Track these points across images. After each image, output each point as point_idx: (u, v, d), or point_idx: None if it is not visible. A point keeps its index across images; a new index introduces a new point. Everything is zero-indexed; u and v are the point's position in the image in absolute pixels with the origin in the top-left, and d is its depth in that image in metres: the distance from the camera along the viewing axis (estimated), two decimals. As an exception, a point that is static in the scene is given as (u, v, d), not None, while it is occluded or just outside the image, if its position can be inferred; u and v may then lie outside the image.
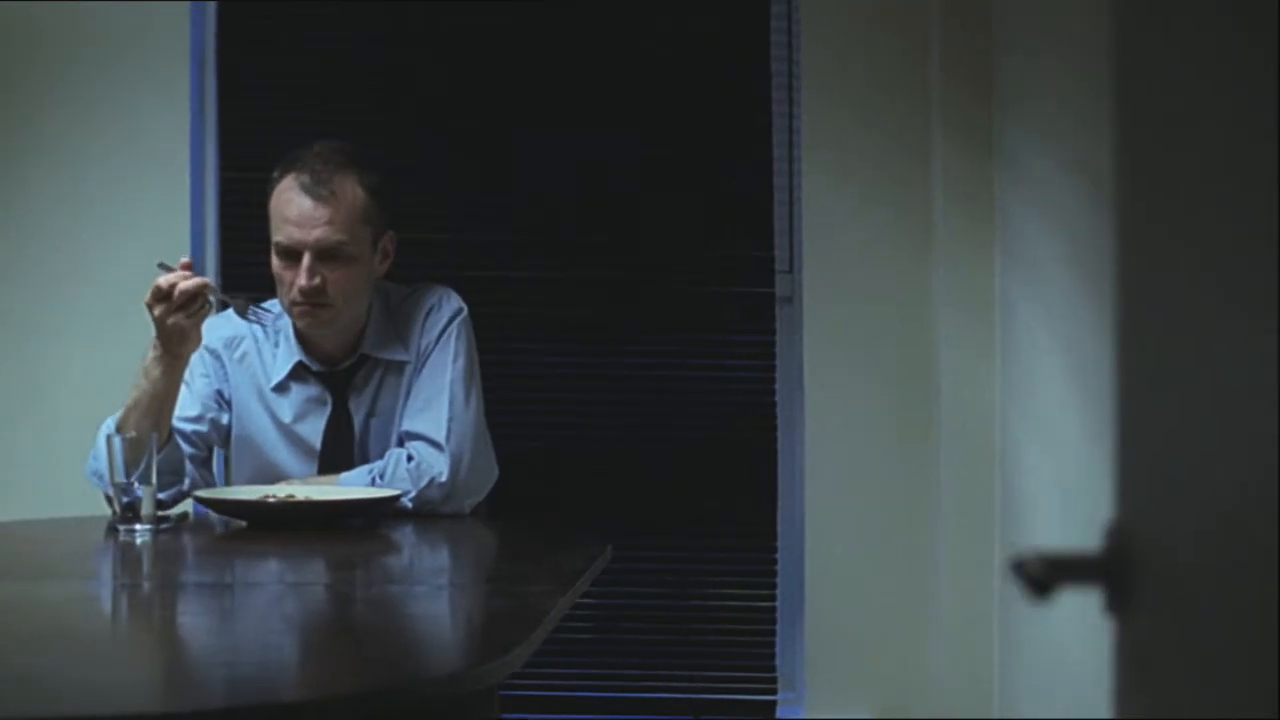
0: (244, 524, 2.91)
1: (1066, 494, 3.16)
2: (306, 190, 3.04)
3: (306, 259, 3.03)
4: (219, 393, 3.17)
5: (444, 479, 3.04)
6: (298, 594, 2.39)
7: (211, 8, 3.86)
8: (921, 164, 3.74)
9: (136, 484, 2.79)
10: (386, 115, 3.82)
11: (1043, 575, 1.15)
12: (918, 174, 3.75)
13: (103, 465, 2.98)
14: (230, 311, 3.15)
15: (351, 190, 3.07)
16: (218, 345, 3.17)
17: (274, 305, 3.21)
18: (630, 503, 3.80)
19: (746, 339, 3.84)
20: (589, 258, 3.84)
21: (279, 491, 2.96)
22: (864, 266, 3.78)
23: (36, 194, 3.80)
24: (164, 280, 2.92)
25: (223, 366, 3.18)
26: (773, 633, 3.84)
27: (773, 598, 3.84)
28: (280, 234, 3.06)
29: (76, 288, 3.80)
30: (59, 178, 3.80)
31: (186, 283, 2.91)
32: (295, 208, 3.05)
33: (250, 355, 3.19)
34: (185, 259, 3.01)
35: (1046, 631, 3.26)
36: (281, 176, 3.10)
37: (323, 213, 3.04)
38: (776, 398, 3.84)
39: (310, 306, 3.06)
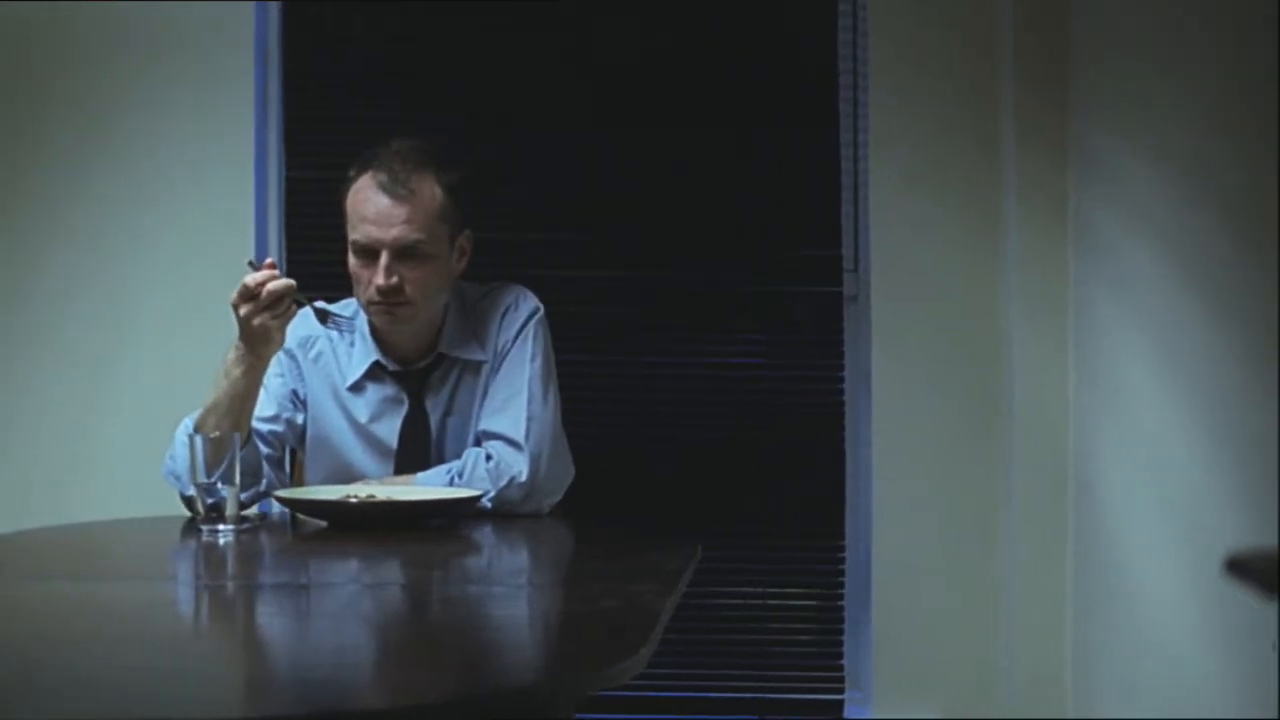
0: (324, 524, 2.88)
1: (1154, 490, 3.14)
2: (385, 189, 3.02)
3: (384, 258, 3.01)
4: (294, 393, 3.15)
5: (523, 478, 3.02)
6: (402, 595, 2.36)
7: (277, 7, 3.85)
8: (990, 160, 3.72)
9: (220, 484, 2.77)
10: (450, 114, 3.80)
11: (1272, 574, 1.12)
12: (985, 170, 3.73)
13: (180, 465, 2.97)
14: (306, 312, 3.12)
15: (429, 189, 3.04)
16: (293, 345, 3.15)
17: (349, 304, 3.19)
18: (697, 501, 3.79)
19: (814, 338, 3.83)
20: (657, 257, 3.83)
21: (359, 491, 2.93)
22: (931, 264, 3.76)
23: (103, 193, 3.79)
24: (251, 279, 2.89)
25: (298, 366, 3.16)
26: (840, 632, 3.83)
27: (840, 597, 3.82)
28: (358, 232, 3.04)
29: (142, 286, 3.79)
30: (125, 176, 3.79)
31: (275, 284, 2.89)
32: (373, 206, 3.02)
33: (325, 355, 3.17)
34: (270, 259, 2.98)
35: (1131, 632, 3.24)
36: (358, 175, 3.07)
37: (401, 211, 3.01)
38: (844, 396, 3.82)
39: (389, 305, 3.03)
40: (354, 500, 2.87)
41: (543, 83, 3.83)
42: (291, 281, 2.92)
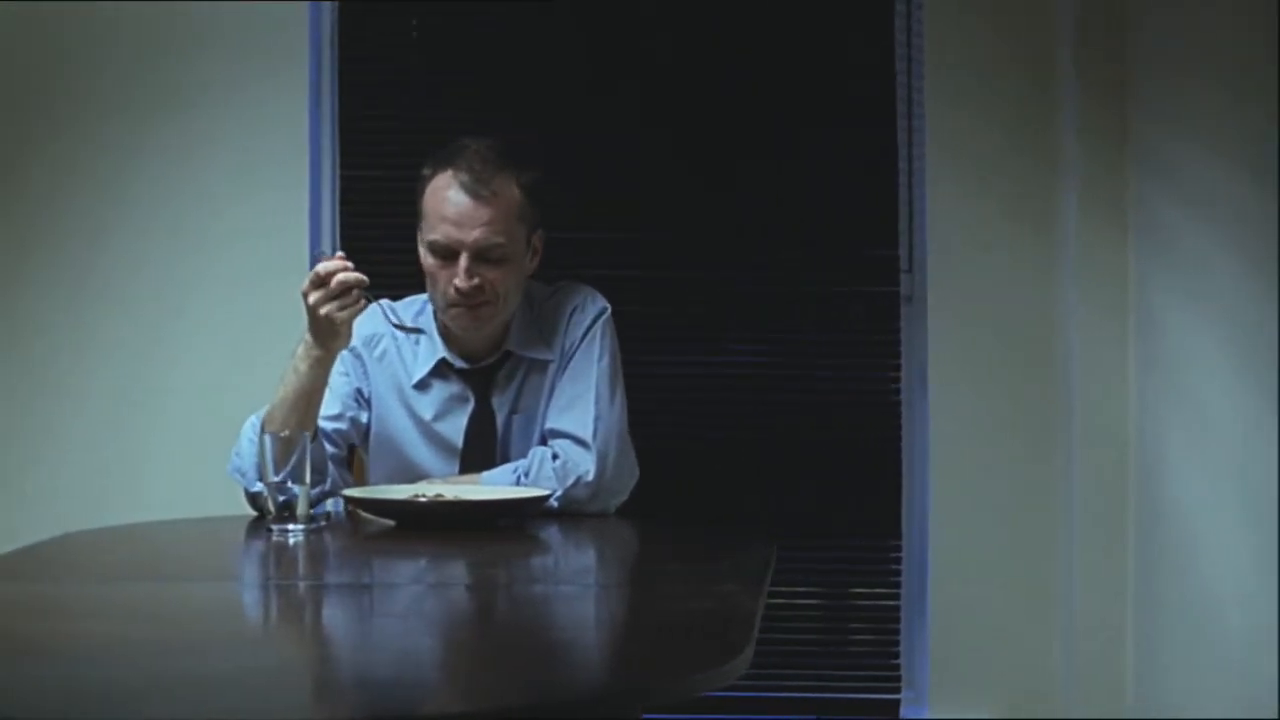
0: (391, 524, 2.87)
1: (1224, 489, 3.13)
2: (467, 189, 2.99)
3: (464, 259, 2.99)
4: (359, 391, 3.14)
5: (590, 478, 3.01)
6: (487, 596, 2.35)
7: (331, 7, 3.84)
8: (1047, 158, 3.72)
9: (291, 482, 2.75)
10: (503, 113, 3.79)
11: None
12: (1043, 168, 3.73)
13: (246, 463, 2.95)
14: (372, 310, 3.12)
15: (510, 190, 3.02)
16: (358, 344, 3.13)
17: (413, 301, 3.19)
18: (754, 501, 3.78)
19: (871, 338, 3.82)
20: (711, 257, 3.82)
21: (426, 490, 2.92)
22: (988, 264, 3.75)
23: (158, 191, 3.79)
24: (323, 267, 2.88)
25: (362, 364, 3.14)
26: (897, 631, 3.82)
27: (897, 596, 3.81)
28: (437, 232, 3.01)
29: (196, 284, 3.79)
30: (180, 175, 3.79)
31: (345, 274, 2.87)
32: (454, 206, 2.99)
33: (390, 353, 3.16)
34: (340, 252, 2.96)
35: (1197, 632, 3.22)
36: (435, 173, 3.04)
37: (483, 213, 2.99)
38: (901, 396, 3.81)
39: (468, 307, 3.02)
40: (422, 500, 2.86)
41: (598, 81, 3.82)
42: (363, 277, 2.90)
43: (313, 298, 2.88)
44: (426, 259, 3.04)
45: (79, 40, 3.78)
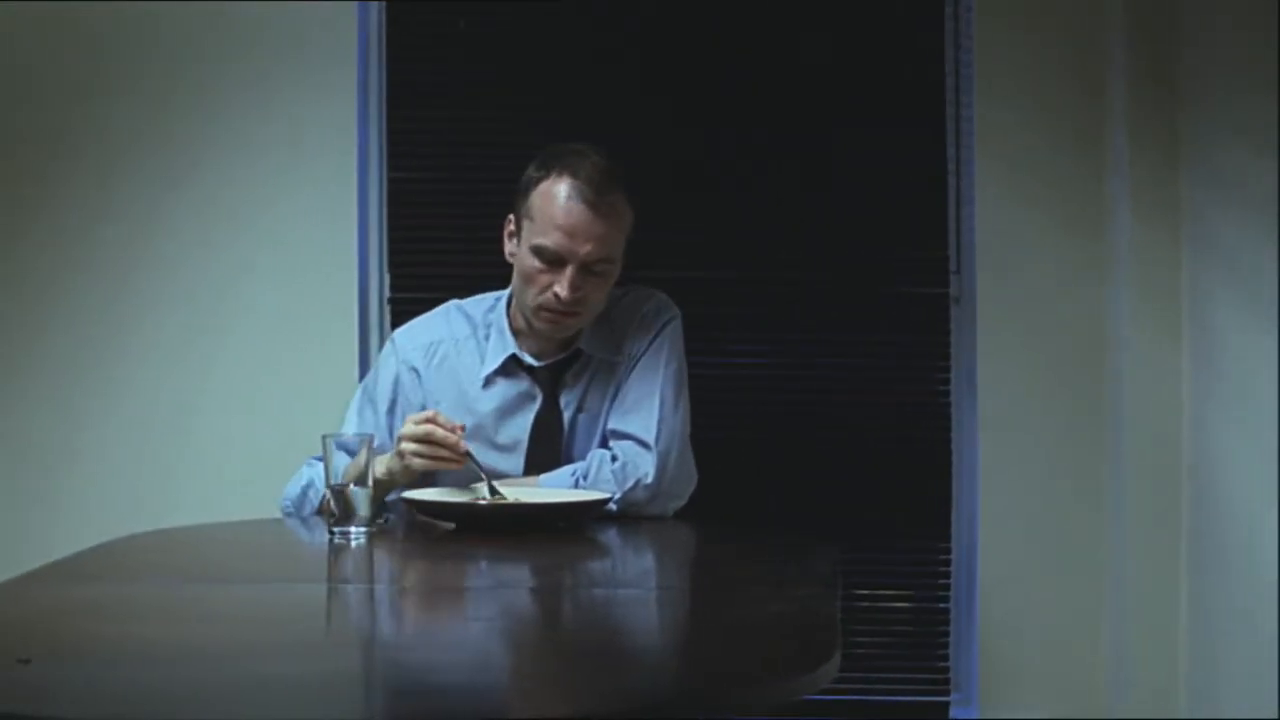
0: (451, 526, 2.86)
1: (1277, 489, 3.12)
2: (585, 200, 2.98)
3: (571, 270, 2.98)
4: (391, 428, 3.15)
5: (650, 480, 3.01)
6: (564, 599, 2.34)
7: (379, 7, 3.83)
8: (1097, 158, 3.71)
9: (352, 485, 2.75)
10: (554, 115, 3.78)
11: None
12: (1093, 169, 3.72)
13: (292, 504, 2.95)
14: (429, 318, 3.17)
15: (624, 208, 3.04)
16: (415, 358, 3.15)
17: (484, 300, 3.20)
18: (803, 502, 3.76)
19: (919, 339, 3.81)
20: (759, 258, 3.81)
21: (485, 494, 2.91)
22: (1038, 265, 3.75)
23: (204, 194, 3.78)
24: (440, 434, 2.87)
25: (418, 379, 3.15)
26: (946, 633, 3.81)
27: (946, 598, 3.80)
28: (548, 239, 2.99)
29: (243, 287, 3.78)
30: (227, 176, 3.78)
31: (449, 438, 2.88)
32: (570, 217, 2.98)
33: (451, 357, 3.16)
34: (461, 424, 2.94)
35: (1254, 633, 3.22)
36: (547, 175, 3.02)
37: (599, 228, 2.98)
38: (950, 398, 3.80)
39: (560, 313, 3.01)
40: (483, 503, 2.85)
41: (646, 81, 3.81)
42: (465, 448, 2.90)
43: (410, 448, 2.90)
44: (528, 260, 3.02)
45: (126, 38, 3.77)
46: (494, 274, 3.25)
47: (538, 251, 3.00)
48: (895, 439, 3.79)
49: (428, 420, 2.91)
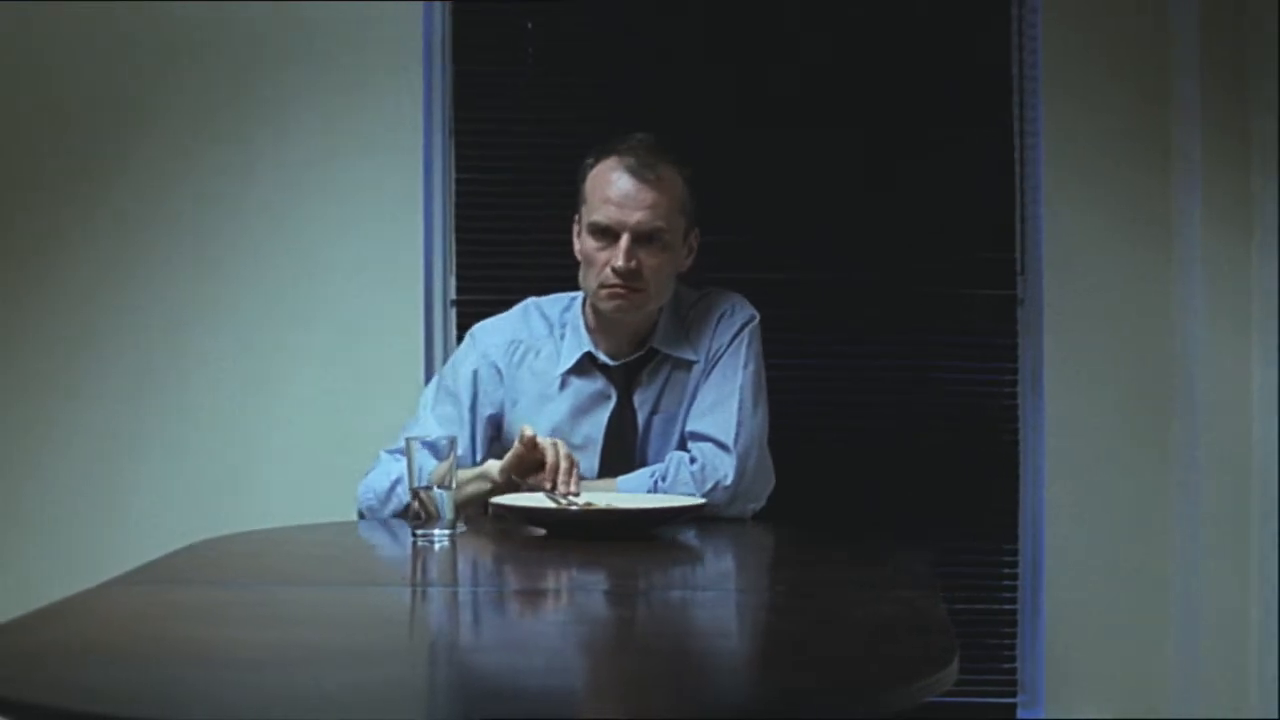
0: (540, 531, 2.82)
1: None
2: (632, 172, 3.03)
3: (625, 240, 3.01)
4: (490, 416, 3.14)
5: (729, 482, 3.00)
6: (663, 603, 2.33)
7: (445, 8, 3.82)
8: (1166, 159, 3.70)
9: (436, 488, 2.74)
10: (620, 115, 3.76)
11: None
12: (1161, 170, 3.71)
13: (375, 498, 2.95)
14: (509, 317, 3.18)
15: (673, 178, 3.07)
16: (497, 355, 3.16)
17: (559, 299, 3.20)
18: (870, 504, 3.76)
19: (986, 341, 3.80)
20: (825, 260, 3.80)
21: (573, 498, 2.86)
22: (1105, 266, 3.74)
23: (269, 196, 3.78)
24: (556, 497, 2.85)
25: (500, 377, 3.15)
26: (1013, 634, 3.80)
27: (1014, 599, 3.80)
28: (599, 214, 3.03)
29: (309, 290, 3.78)
30: (291, 179, 3.78)
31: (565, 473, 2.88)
32: (618, 189, 3.03)
33: (529, 356, 3.16)
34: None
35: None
36: (599, 160, 3.08)
37: (647, 196, 3.02)
38: (1017, 400, 3.80)
39: (622, 289, 3.02)
40: (574, 509, 2.80)
41: (713, 82, 3.80)
42: (574, 490, 2.89)
43: (517, 469, 2.91)
44: (586, 242, 3.06)
45: (189, 41, 3.77)
46: (559, 275, 3.26)
47: (592, 229, 3.05)
48: (962, 441, 3.78)
49: (545, 448, 2.90)
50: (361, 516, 3.12)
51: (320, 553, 2.83)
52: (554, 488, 2.87)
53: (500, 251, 3.81)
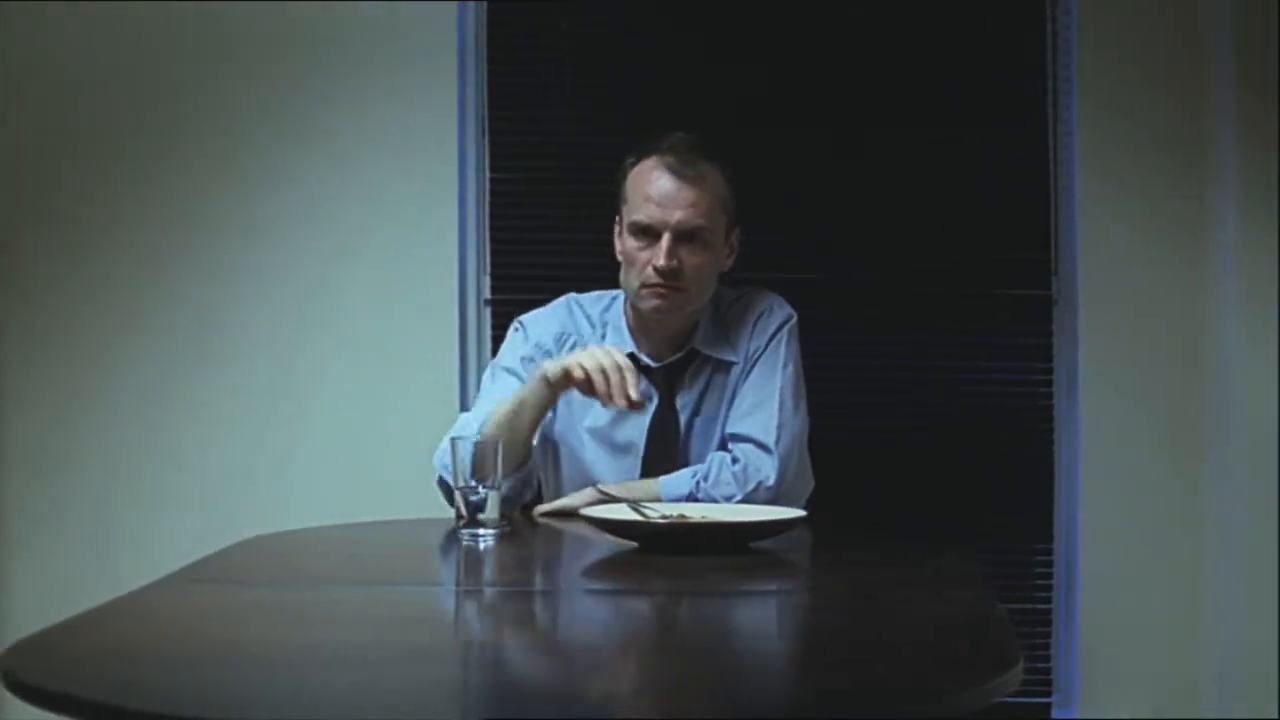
0: (590, 532, 2.76)
1: None
2: (672, 170, 3.01)
3: (666, 239, 2.99)
4: None
5: (771, 483, 2.99)
6: (718, 605, 2.32)
7: (480, 7, 3.82)
8: (1201, 161, 3.70)
9: (481, 487, 2.73)
10: (654, 115, 3.76)
11: None
12: (1196, 171, 3.71)
13: (449, 460, 2.93)
14: (553, 310, 3.17)
15: (715, 177, 3.05)
16: (549, 341, 3.13)
17: (601, 297, 3.18)
18: (905, 504, 3.76)
19: (1021, 341, 3.80)
20: (860, 259, 3.80)
21: (664, 510, 2.75)
22: (1139, 266, 3.74)
23: (306, 193, 3.78)
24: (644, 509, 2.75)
25: None
26: (1048, 634, 3.80)
27: (1048, 599, 3.79)
28: (640, 213, 3.01)
29: (344, 287, 3.78)
30: (328, 176, 3.78)
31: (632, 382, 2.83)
32: (659, 187, 3.01)
33: (576, 351, 3.15)
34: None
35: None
36: (639, 160, 3.06)
37: (687, 194, 3.00)
38: (1052, 399, 3.79)
39: (664, 288, 3.01)
40: (662, 521, 2.67)
41: (751, 83, 3.81)
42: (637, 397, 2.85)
43: (589, 363, 2.85)
44: (627, 242, 3.04)
45: (222, 40, 3.77)
46: (594, 274, 3.26)
47: (633, 228, 3.03)
48: (997, 441, 3.78)
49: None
50: (445, 486, 3.03)
51: (359, 553, 2.82)
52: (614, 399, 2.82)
53: (535, 251, 3.81)
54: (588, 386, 2.86)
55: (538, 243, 3.81)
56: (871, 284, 3.80)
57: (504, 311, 3.63)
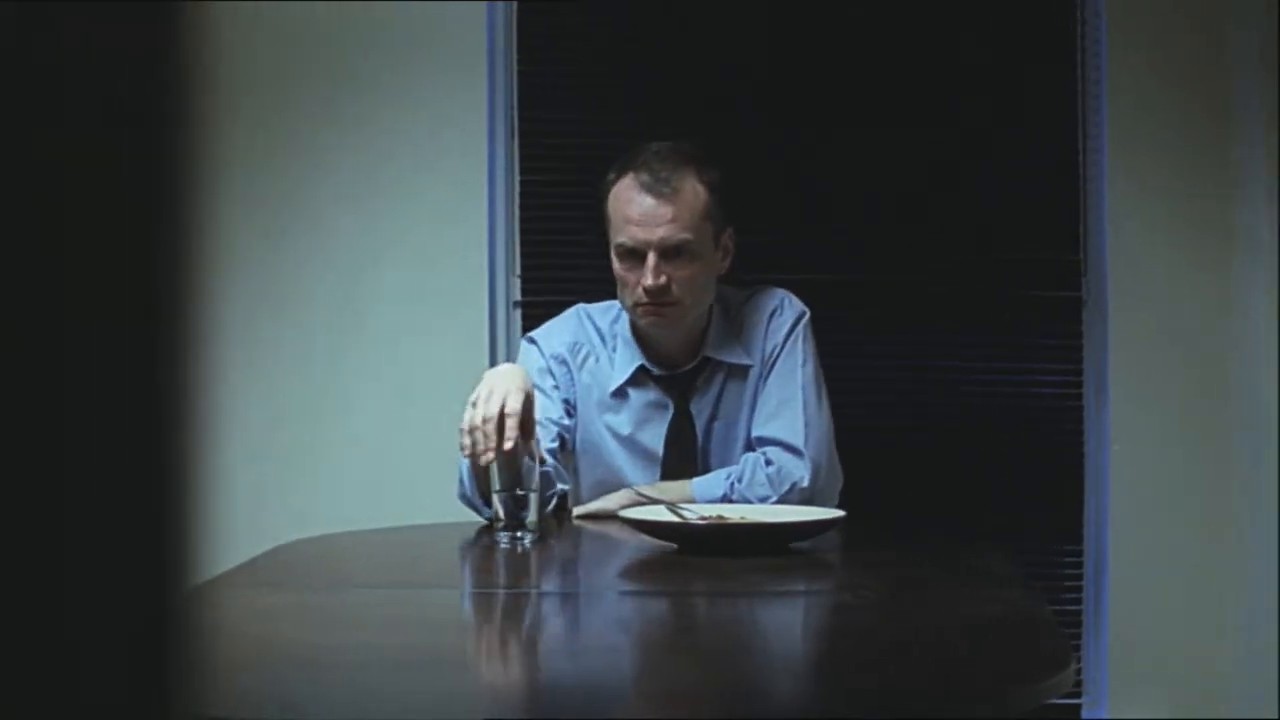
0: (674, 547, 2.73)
1: None
2: (647, 189, 2.97)
3: (651, 258, 2.96)
4: (566, 401, 3.13)
5: (805, 484, 2.98)
6: (767, 606, 2.33)
7: (509, 8, 3.82)
8: (1228, 161, 3.70)
9: (518, 490, 2.73)
10: (686, 115, 3.77)
11: None
12: (1224, 172, 3.71)
13: (469, 489, 2.92)
14: (563, 321, 3.15)
15: (692, 187, 3.00)
16: (563, 351, 3.12)
17: (611, 307, 3.17)
18: (934, 504, 3.76)
19: (1050, 342, 3.80)
20: (889, 260, 3.80)
21: (701, 511, 2.74)
22: (1168, 267, 3.74)
23: (336, 193, 3.78)
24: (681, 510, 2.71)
25: (570, 373, 3.13)
26: (1078, 635, 3.80)
27: (1078, 600, 3.79)
28: (623, 235, 2.98)
29: (373, 289, 3.78)
30: (356, 179, 3.77)
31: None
32: (637, 207, 2.97)
33: (590, 362, 3.14)
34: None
35: None
36: (619, 177, 3.02)
37: (665, 210, 2.96)
38: (1081, 400, 3.79)
39: (656, 306, 2.99)
40: (703, 522, 2.66)
41: (777, 81, 3.80)
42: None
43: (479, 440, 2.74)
44: (616, 264, 3.02)
45: (248, 41, 3.77)
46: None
47: (618, 251, 3.00)
48: (1026, 441, 3.78)
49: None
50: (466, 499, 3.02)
51: (393, 556, 2.83)
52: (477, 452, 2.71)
53: (564, 253, 3.81)
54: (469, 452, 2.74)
55: (567, 245, 3.80)
56: (898, 285, 3.80)
57: (533, 314, 3.63)
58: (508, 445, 2.67)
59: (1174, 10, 3.73)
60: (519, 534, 2.71)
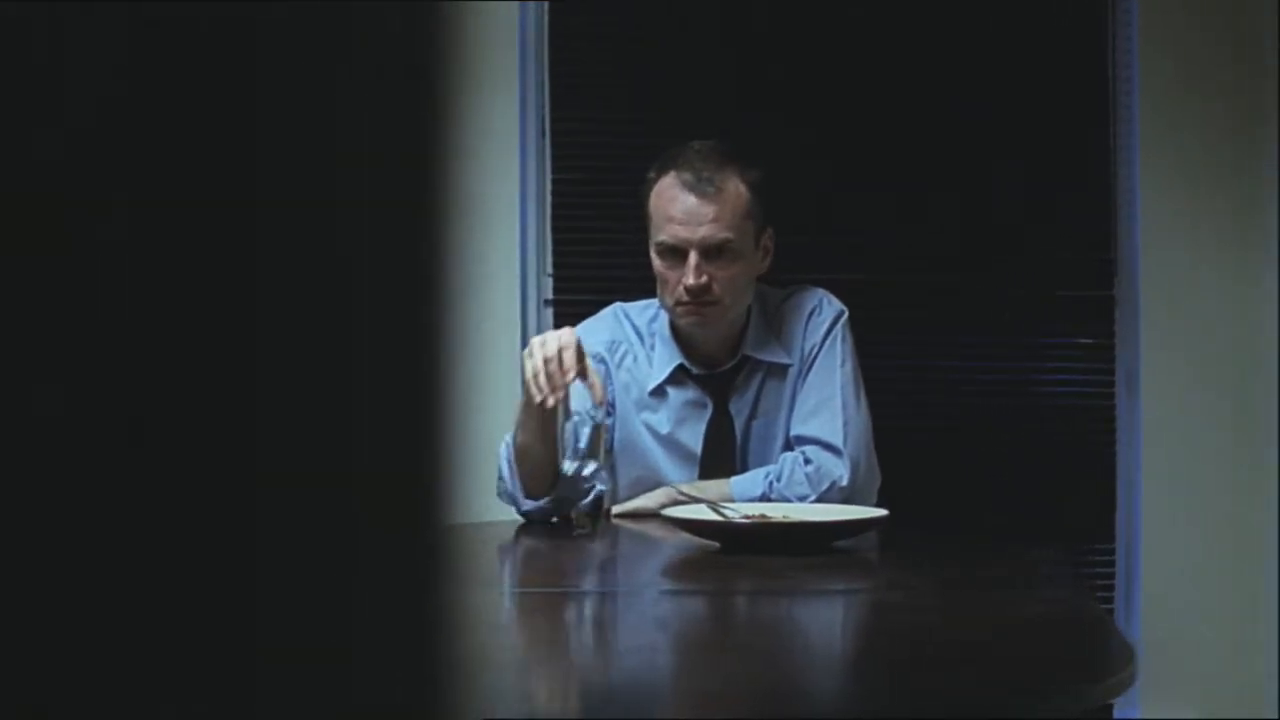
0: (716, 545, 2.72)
1: None
2: (690, 188, 2.96)
3: (693, 257, 2.95)
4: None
5: (845, 483, 2.98)
6: (824, 604, 2.32)
7: (542, 7, 3.81)
8: (1263, 159, 3.69)
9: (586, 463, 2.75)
10: (720, 115, 3.75)
11: None
12: (1259, 169, 3.70)
13: (510, 485, 2.93)
14: (600, 320, 3.15)
15: (735, 186, 3.00)
16: (601, 349, 3.12)
17: (649, 305, 3.16)
18: (965, 505, 3.75)
19: (1082, 341, 3.79)
20: (920, 259, 3.79)
21: (743, 510, 2.73)
22: (1202, 266, 3.73)
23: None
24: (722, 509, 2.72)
25: (608, 371, 3.12)
26: (1110, 635, 3.78)
27: (1109, 600, 3.79)
28: (664, 233, 2.98)
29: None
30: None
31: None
32: (680, 206, 2.97)
33: (628, 360, 3.14)
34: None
35: None
36: (660, 176, 3.02)
37: (708, 210, 2.96)
38: (1114, 399, 3.79)
39: (697, 306, 2.98)
40: (746, 520, 2.65)
41: (811, 81, 3.80)
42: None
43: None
44: (657, 263, 3.02)
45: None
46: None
47: (659, 250, 3.00)
48: (1058, 441, 3.77)
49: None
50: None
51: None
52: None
53: (597, 252, 3.80)
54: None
55: (599, 244, 3.80)
56: (929, 285, 3.79)
57: (565, 313, 3.62)
58: (569, 377, 2.72)
59: (1206, 7, 3.72)
60: (586, 461, 2.72)
